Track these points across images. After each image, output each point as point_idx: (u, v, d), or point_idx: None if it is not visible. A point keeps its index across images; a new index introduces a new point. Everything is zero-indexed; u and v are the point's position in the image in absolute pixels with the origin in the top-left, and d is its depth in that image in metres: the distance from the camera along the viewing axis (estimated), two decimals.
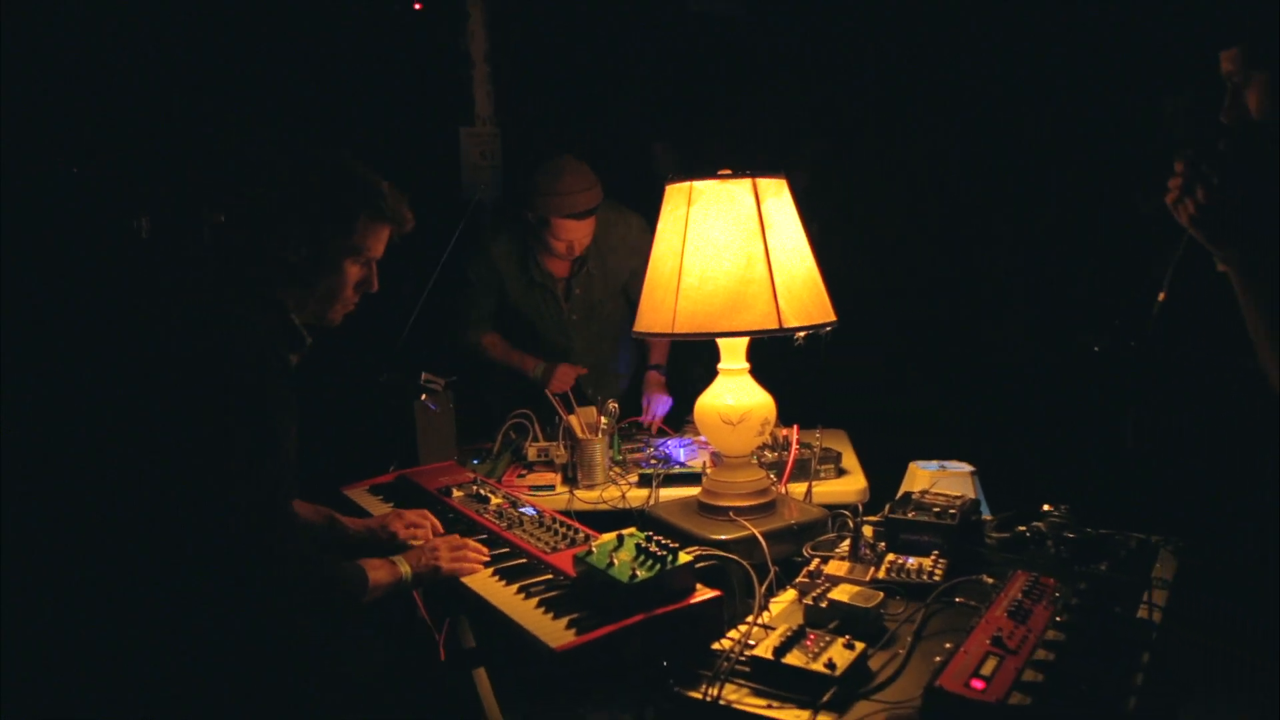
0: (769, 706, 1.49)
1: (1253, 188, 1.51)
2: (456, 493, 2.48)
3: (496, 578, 1.98)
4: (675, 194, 2.14)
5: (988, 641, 1.50)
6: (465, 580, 1.99)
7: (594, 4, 5.60)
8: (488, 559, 2.05)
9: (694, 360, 3.46)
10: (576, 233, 3.21)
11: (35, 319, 2.44)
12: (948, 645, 1.51)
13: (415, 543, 2.18)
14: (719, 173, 2.09)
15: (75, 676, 1.83)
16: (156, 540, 1.78)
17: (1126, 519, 2.15)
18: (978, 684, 1.39)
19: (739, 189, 2.08)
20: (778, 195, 2.13)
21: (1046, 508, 2.15)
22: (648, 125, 5.52)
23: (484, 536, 2.18)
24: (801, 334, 2.06)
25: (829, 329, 2.10)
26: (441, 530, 2.24)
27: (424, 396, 2.91)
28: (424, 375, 2.92)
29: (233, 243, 1.94)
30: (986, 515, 2.28)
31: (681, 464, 2.75)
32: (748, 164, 2.11)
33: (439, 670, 2.60)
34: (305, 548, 1.88)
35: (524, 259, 3.37)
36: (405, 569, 1.98)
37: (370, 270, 2.03)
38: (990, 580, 1.85)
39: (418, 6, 5.30)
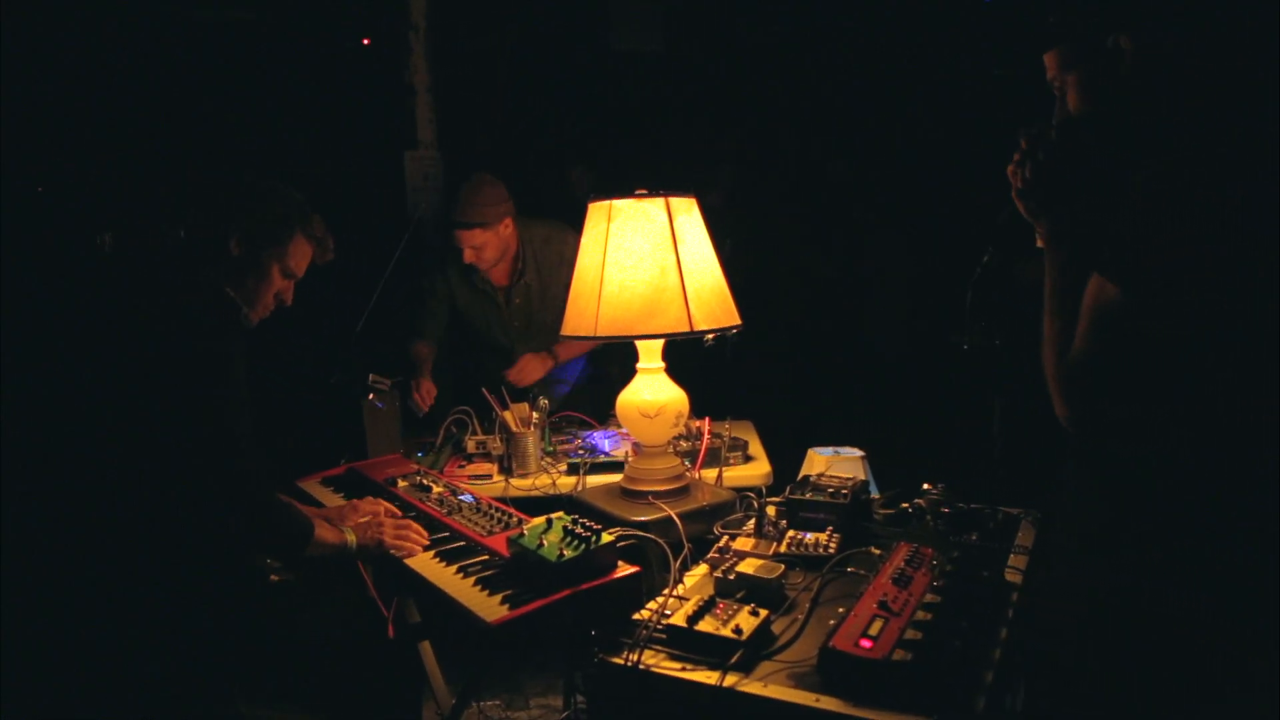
0: (683, 669, 1.48)
1: (1068, 170, 1.58)
2: (401, 483, 2.43)
3: (437, 559, 1.94)
4: (596, 211, 2.13)
5: (875, 605, 1.52)
6: (408, 562, 1.96)
7: (528, 41, 5.57)
8: (428, 541, 2.02)
9: (612, 361, 3.46)
10: (469, 241, 3.17)
11: (12, 321, 2.35)
12: (840, 610, 1.52)
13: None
14: (636, 192, 2.08)
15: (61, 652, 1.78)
16: (131, 490, 1.78)
17: (994, 495, 2.19)
18: (866, 643, 1.40)
19: (654, 207, 2.07)
20: (688, 212, 2.13)
21: (926, 486, 2.18)
22: (574, 150, 5.50)
23: (425, 522, 2.14)
24: (710, 336, 2.06)
25: (735, 331, 2.11)
26: (398, 514, 2.19)
27: (371, 395, 2.84)
28: (372, 376, 2.86)
29: (190, 245, 1.97)
30: (875, 494, 2.31)
31: (606, 454, 2.73)
32: (663, 185, 2.11)
33: (388, 645, 2.55)
34: (268, 492, 1.92)
35: (470, 269, 3.32)
36: (351, 538, 2.01)
37: (290, 285, 2.08)
38: (877, 551, 1.87)
39: (365, 42, 5.21)
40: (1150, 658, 1.42)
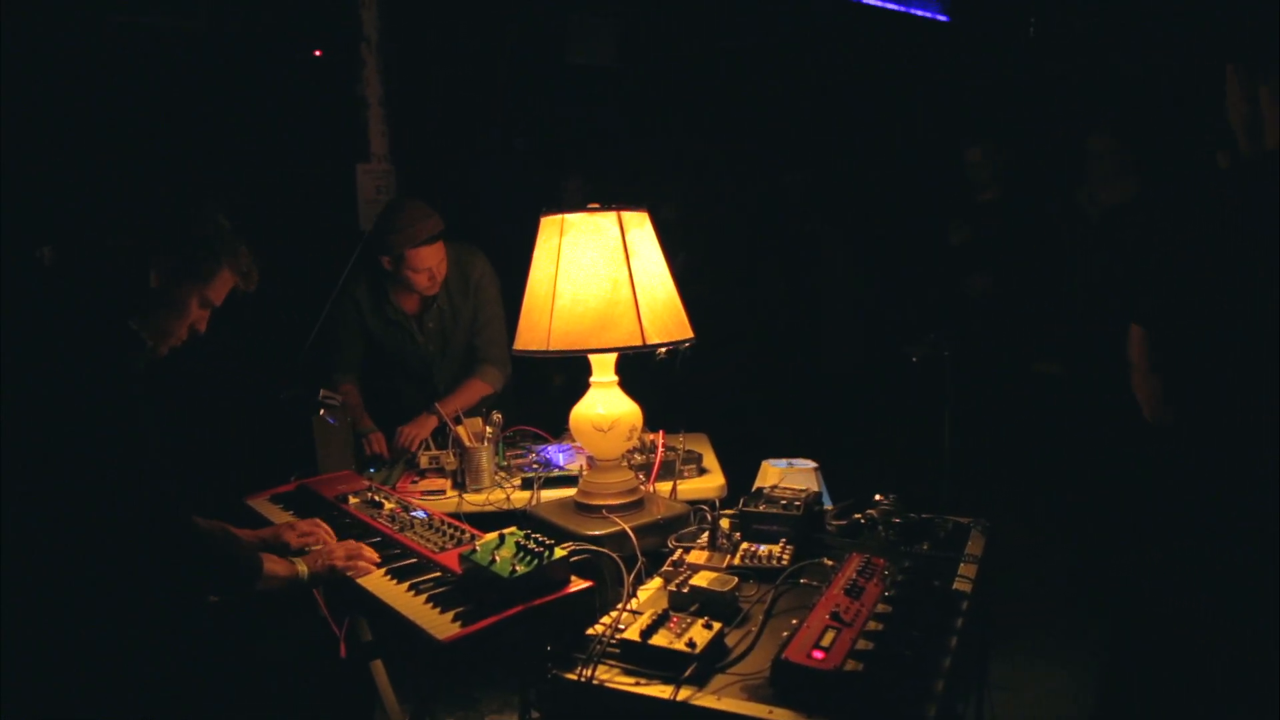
0: (637, 683, 1.48)
1: None
2: (353, 499, 2.40)
3: (389, 577, 1.92)
4: (549, 225, 2.12)
5: (827, 616, 1.53)
6: (360, 580, 1.93)
7: (483, 53, 5.56)
8: (379, 560, 1.99)
9: (558, 370, 3.43)
10: (431, 259, 3.09)
11: None
12: (794, 621, 1.53)
13: (315, 547, 2.10)
14: (588, 206, 2.08)
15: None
16: (57, 545, 1.70)
17: (944, 505, 2.22)
18: (818, 654, 1.41)
19: (606, 221, 2.07)
20: (640, 226, 2.13)
21: (878, 497, 2.19)
22: (526, 161, 5.50)
23: (377, 539, 2.11)
24: (663, 349, 2.06)
25: (687, 344, 2.11)
26: (334, 535, 2.16)
27: (323, 411, 2.80)
28: (322, 391, 2.82)
29: (101, 271, 1.86)
30: (828, 505, 2.32)
31: (560, 467, 2.72)
32: (615, 199, 2.11)
33: (340, 665, 2.51)
34: (200, 534, 1.83)
35: (378, 300, 3.26)
36: (302, 568, 1.95)
37: (205, 316, 1.98)
38: (830, 563, 1.88)
39: (317, 54, 5.16)
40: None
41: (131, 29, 4.17)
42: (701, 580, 1.72)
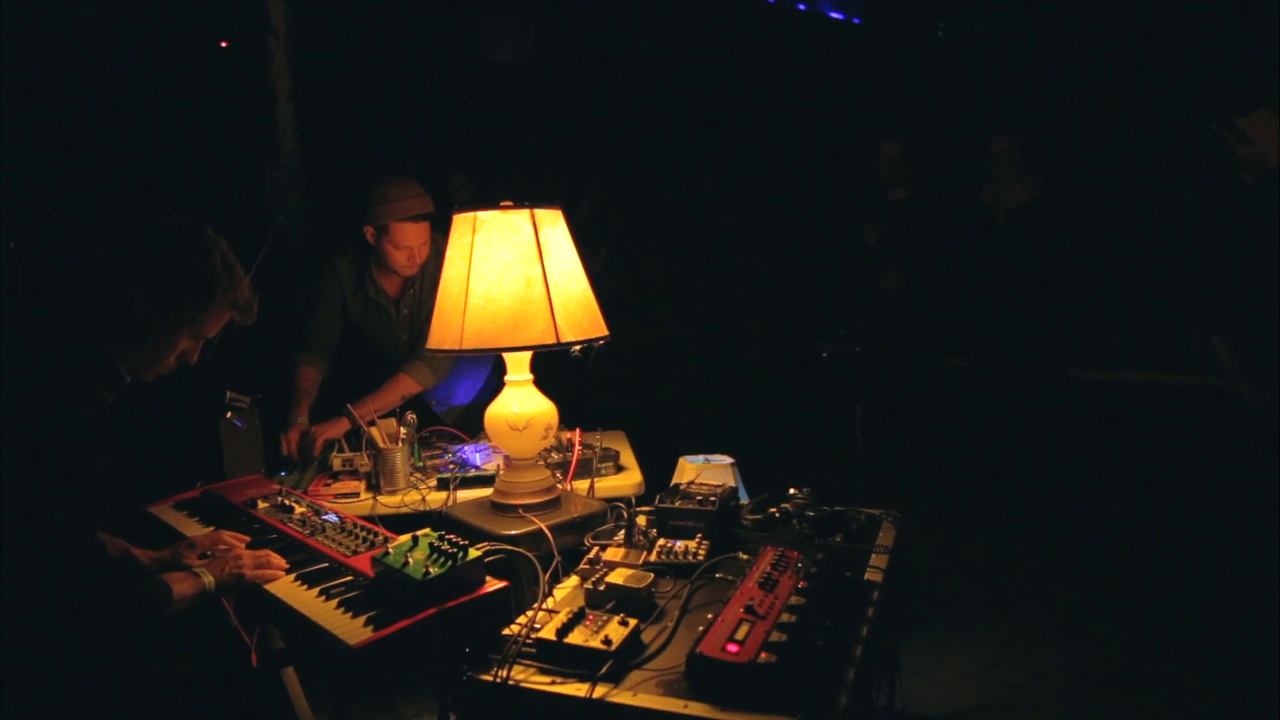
0: (553, 682, 1.47)
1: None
2: (262, 504, 2.32)
3: (299, 582, 1.86)
4: (461, 223, 2.09)
5: (741, 610, 1.54)
6: (268, 587, 1.87)
7: (396, 48, 5.47)
8: (288, 566, 1.93)
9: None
10: (415, 238, 3.03)
11: None
12: (709, 616, 1.54)
13: (221, 549, 2.02)
14: (501, 204, 2.06)
15: None
16: None
17: (856, 496, 2.26)
18: (732, 647, 1.42)
19: (519, 219, 2.05)
20: (554, 224, 2.12)
21: (793, 491, 2.22)
22: (445, 158, 5.42)
23: (287, 544, 2.05)
24: (577, 347, 2.05)
25: (601, 342, 2.11)
26: (248, 541, 2.09)
27: (230, 414, 2.71)
28: (229, 393, 2.72)
29: (80, 282, 1.74)
30: (744, 500, 2.35)
31: (477, 467, 2.68)
32: (531, 196, 2.09)
33: (252, 674, 2.44)
34: (109, 568, 1.73)
35: (360, 275, 3.19)
36: (209, 579, 1.86)
37: (198, 346, 1.88)
38: (745, 557, 1.91)
39: (223, 45, 5.00)
40: None
41: (28, 12, 3.98)
42: (618, 577, 1.72)
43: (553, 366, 2.30)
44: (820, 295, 5.19)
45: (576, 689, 1.44)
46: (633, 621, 1.56)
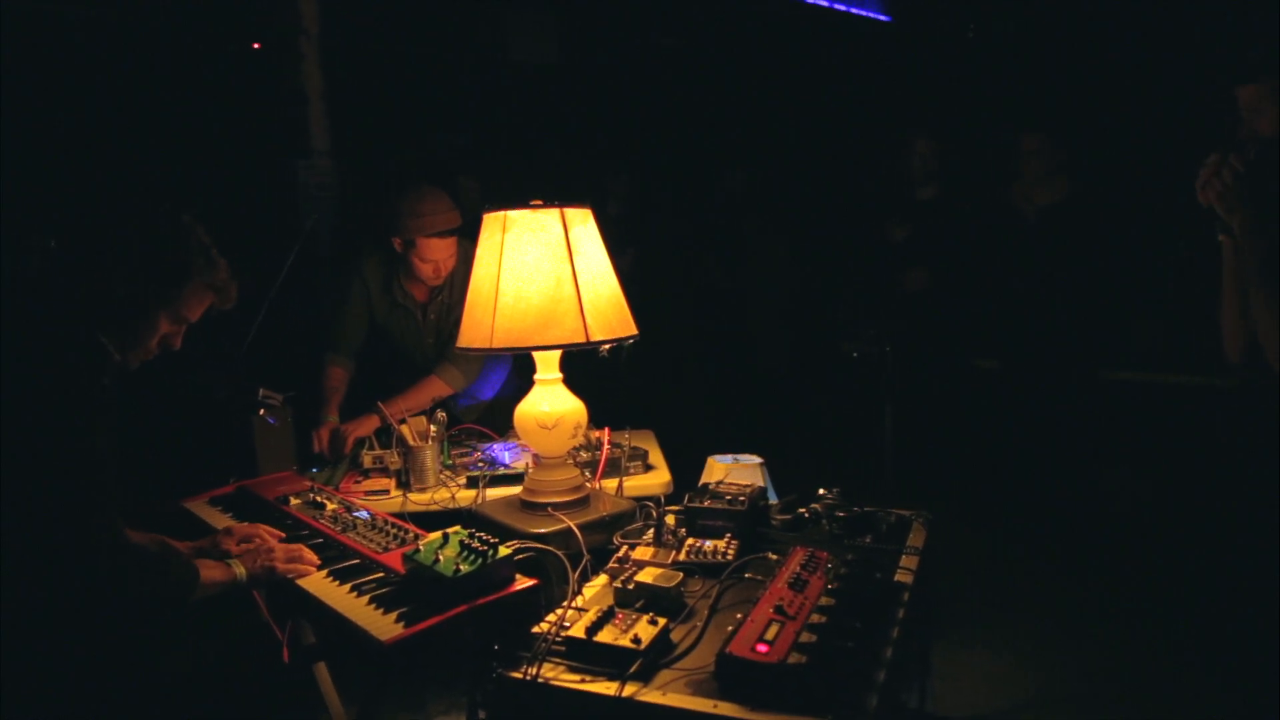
0: (583, 680, 1.47)
1: (1259, 177, 1.98)
2: (294, 500, 2.35)
3: (330, 578, 1.88)
4: (491, 222, 2.10)
5: (771, 610, 1.54)
6: (301, 582, 1.89)
7: (424, 49, 5.49)
8: (320, 562, 1.95)
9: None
10: (442, 252, 3.05)
11: None
12: (738, 616, 1.53)
13: (256, 542, 2.05)
14: (531, 203, 2.07)
15: None
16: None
17: (887, 497, 2.24)
18: (762, 648, 1.41)
19: (549, 218, 2.05)
20: (584, 223, 2.12)
21: (822, 491, 2.21)
22: (473, 159, 5.44)
23: (319, 541, 2.07)
24: (606, 346, 2.05)
25: (630, 341, 2.11)
26: (282, 536, 2.11)
27: (263, 411, 2.74)
28: (262, 391, 2.75)
29: (62, 277, 1.78)
30: (773, 500, 2.34)
31: (506, 466, 2.69)
32: (559, 195, 2.09)
33: (283, 669, 2.47)
34: (127, 551, 1.75)
35: (388, 280, 3.21)
36: (240, 570, 1.89)
37: (180, 331, 1.92)
38: (774, 557, 1.90)
39: (256, 46, 5.05)
40: None
41: (56, 16, 4.04)
42: (647, 576, 1.72)
43: (582, 365, 2.30)
44: (844, 294, 5.16)
45: (605, 687, 1.44)
46: (662, 621, 1.55)
